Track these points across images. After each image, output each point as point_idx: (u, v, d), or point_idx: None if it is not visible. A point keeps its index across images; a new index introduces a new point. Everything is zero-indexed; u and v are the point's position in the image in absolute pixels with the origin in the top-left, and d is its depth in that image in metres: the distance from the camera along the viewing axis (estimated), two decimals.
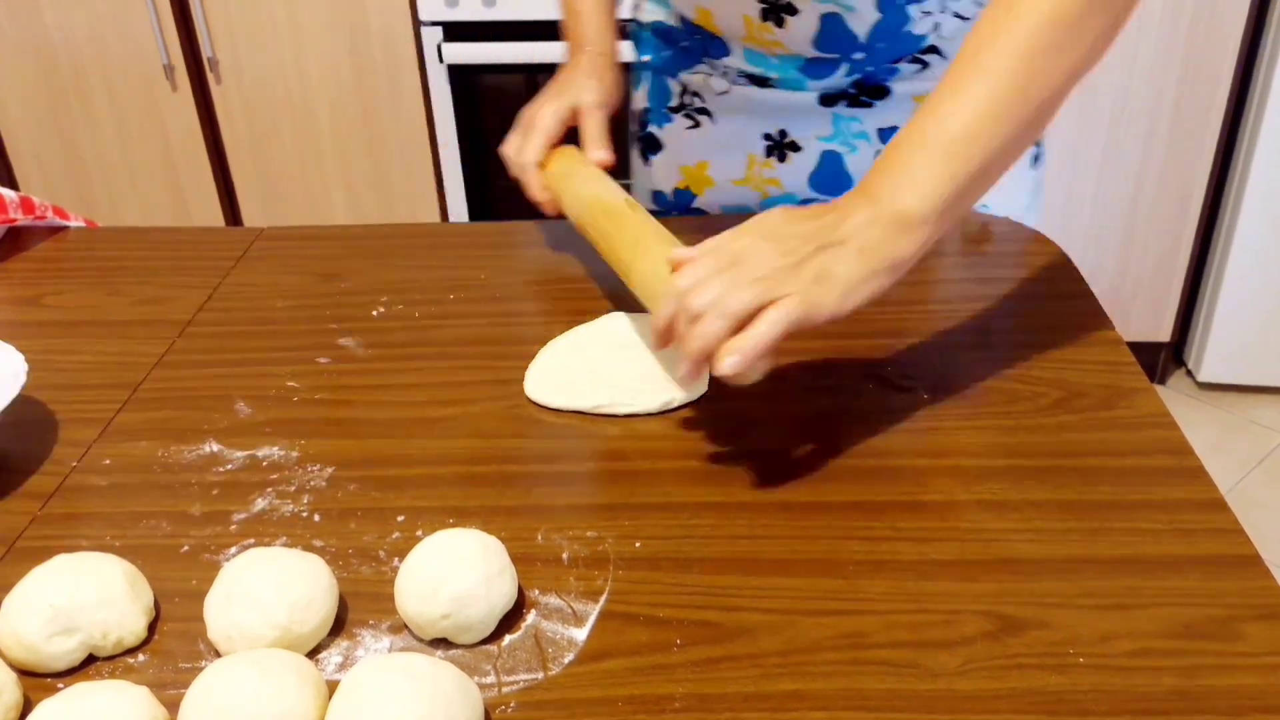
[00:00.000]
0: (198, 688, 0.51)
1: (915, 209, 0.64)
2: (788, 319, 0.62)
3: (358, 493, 0.68)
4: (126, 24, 2.16)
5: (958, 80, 0.66)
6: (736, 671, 0.54)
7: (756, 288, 0.62)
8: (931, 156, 0.65)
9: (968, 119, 0.65)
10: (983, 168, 0.65)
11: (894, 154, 0.66)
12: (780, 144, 0.99)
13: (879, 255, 0.64)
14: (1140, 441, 0.70)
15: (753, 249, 0.64)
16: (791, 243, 0.64)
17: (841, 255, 0.63)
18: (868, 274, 0.64)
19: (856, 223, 0.64)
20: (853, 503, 0.65)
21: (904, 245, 0.64)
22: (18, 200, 1.01)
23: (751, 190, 1.03)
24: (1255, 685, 0.53)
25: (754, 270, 0.63)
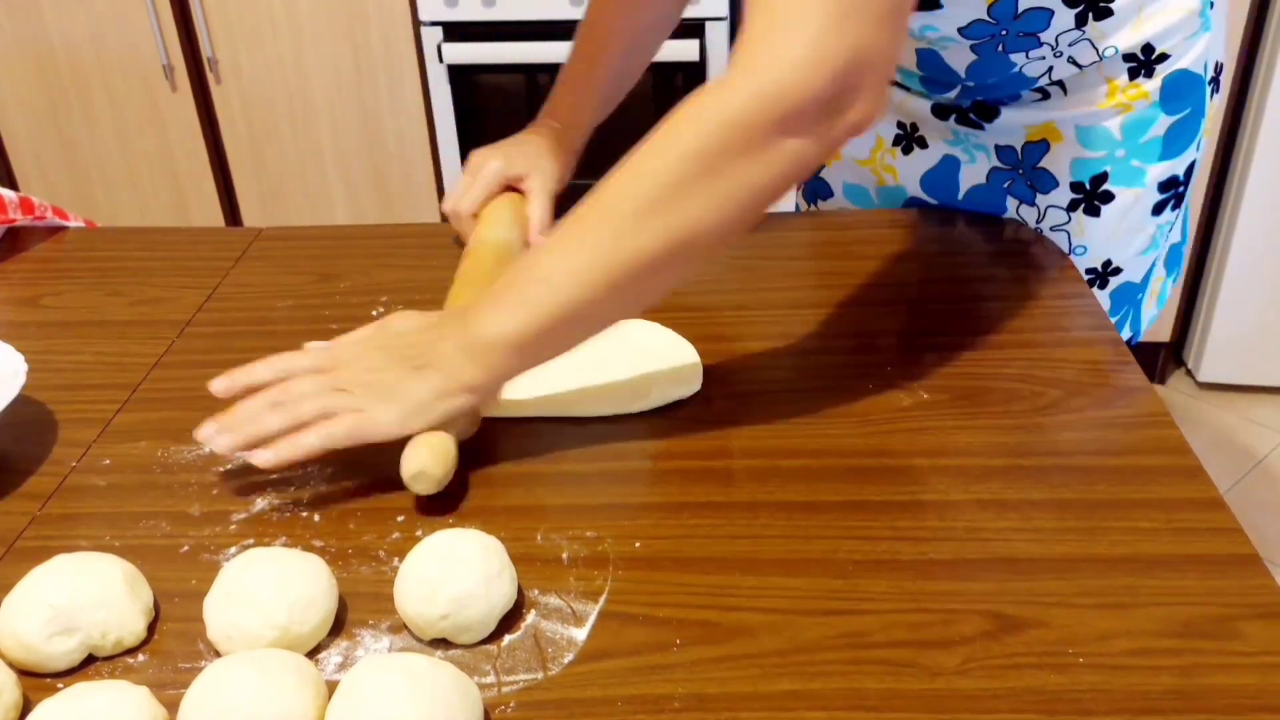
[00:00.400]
0: (197, 688, 0.51)
1: (486, 339, 0.66)
2: (334, 437, 0.66)
3: (357, 493, 0.68)
4: (126, 24, 2.16)
5: (565, 231, 0.67)
6: (736, 671, 0.54)
7: (326, 400, 0.67)
8: (516, 296, 0.67)
9: (555, 271, 0.66)
10: (558, 320, 0.65)
11: (500, 281, 0.68)
12: (909, 136, 1.00)
13: (451, 379, 0.67)
14: (1139, 441, 0.70)
15: (349, 359, 0.69)
16: (380, 357, 0.68)
17: (418, 376, 0.67)
18: (438, 394, 0.67)
19: (446, 345, 0.67)
20: (852, 502, 0.65)
21: (474, 372, 0.67)
22: (17, 200, 1.01)
23: (871, 174, 1.04)
24: (1254, 684, 0.53)
25: (336, 379, 0.68)
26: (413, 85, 2.20)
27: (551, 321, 0.66)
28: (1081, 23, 0.85)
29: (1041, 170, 0.94)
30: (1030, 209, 0.97)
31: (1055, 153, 0.93)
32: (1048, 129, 0.93)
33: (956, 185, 1.00)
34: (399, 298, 0.89)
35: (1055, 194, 0.95)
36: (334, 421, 0.66)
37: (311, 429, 0.66)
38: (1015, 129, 0.94)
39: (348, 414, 0.66)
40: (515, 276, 0.68)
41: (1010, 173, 0.96)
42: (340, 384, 0.68)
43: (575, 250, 0.65)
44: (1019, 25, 0.84)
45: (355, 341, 0.71)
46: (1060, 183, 0.94)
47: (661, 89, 2.25)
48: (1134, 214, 0.95)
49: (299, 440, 0.66)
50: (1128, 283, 1.00)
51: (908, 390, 0.75)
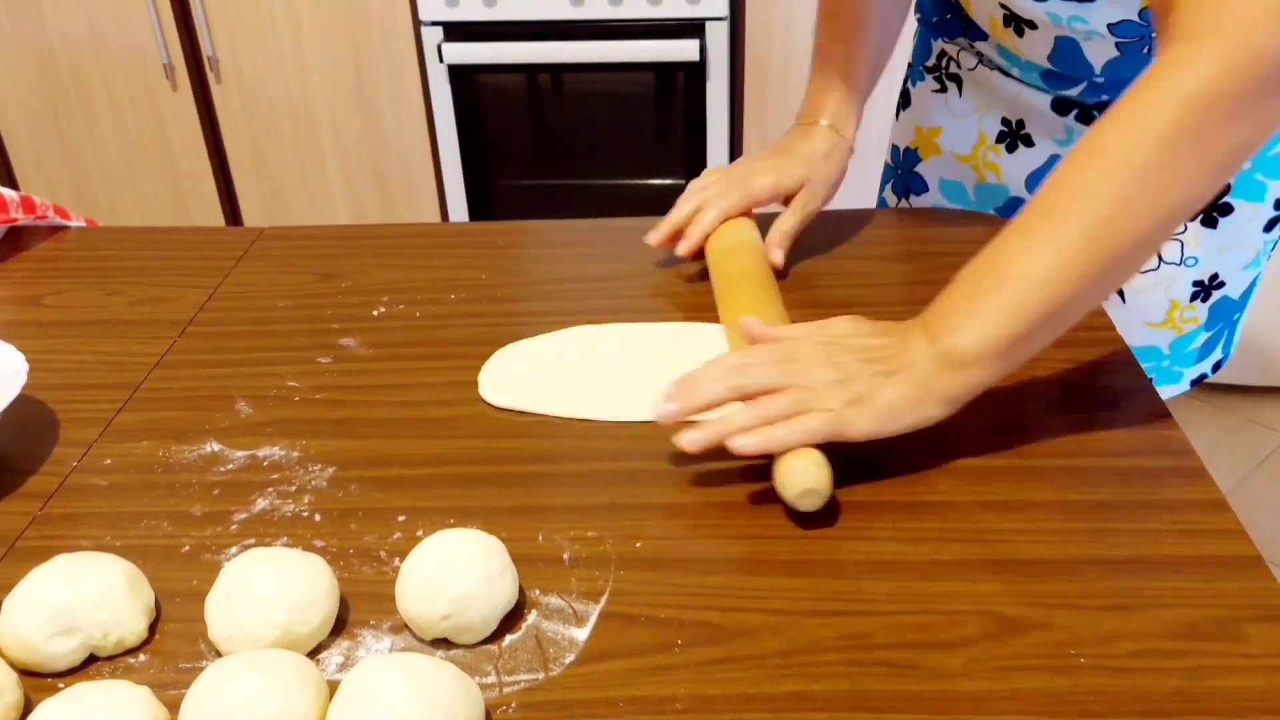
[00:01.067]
0: (198, 688, 0.50)
1: (965, 351, 0.64)
2: (811, 435, 0.63)
3: (359, 493, 0.68)
4: (126, 24, 2.16)
5: (1034, 217, 0.64)
6: (738, 672, 0.54)
7: (796, 397, 0.64)
8: (991, 299, 0.64)
9: (1036, 265, 0.63)
10: (1040, 321, 0.63)
11: (958, 287, 0.66)
12: (1015, 134, 0.98)
13: (926, 389, 0.65)
14: (1142, 442, 0.70)
15: (810, 355, 0.66)
16: (846, 359, 0.66)
17: (888, 383, 0.64)
18: (910, 404, 0.64)
19: (912, 354, 0.65)
20: (854, 503, 0.65)
21: (953, 382, 0.65)
22: (18, 200, 1.01)
23: (971, 171, 1.02)
24: (1258, 686, 0.53)
25: (800, 375, 0.65)
26: (413, 85, 2.21)
27: (1033, 324, 0.63)
28: None
29: None
30: None
31: None
32: None
33: None
34: (399, 298, 0.89)
35: None
36: (809, 418, 0.63)
37: (784, 424, 0.64)
38: None
39: (820, 413, 0.64)
40: (980, 282, 0.65)
41: None
42: (802, 381, 0.65)
43: (1051, 246, 0.63)
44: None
45: (808, 338, 0.68)
46: None
47: (662, 89, 2.25)
48: (1249, 229, 0.93)
49: (770, 432, 0.63)
50: (1227, 298, 0.98)
51: None
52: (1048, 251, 0.63)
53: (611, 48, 2.12)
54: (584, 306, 0.87)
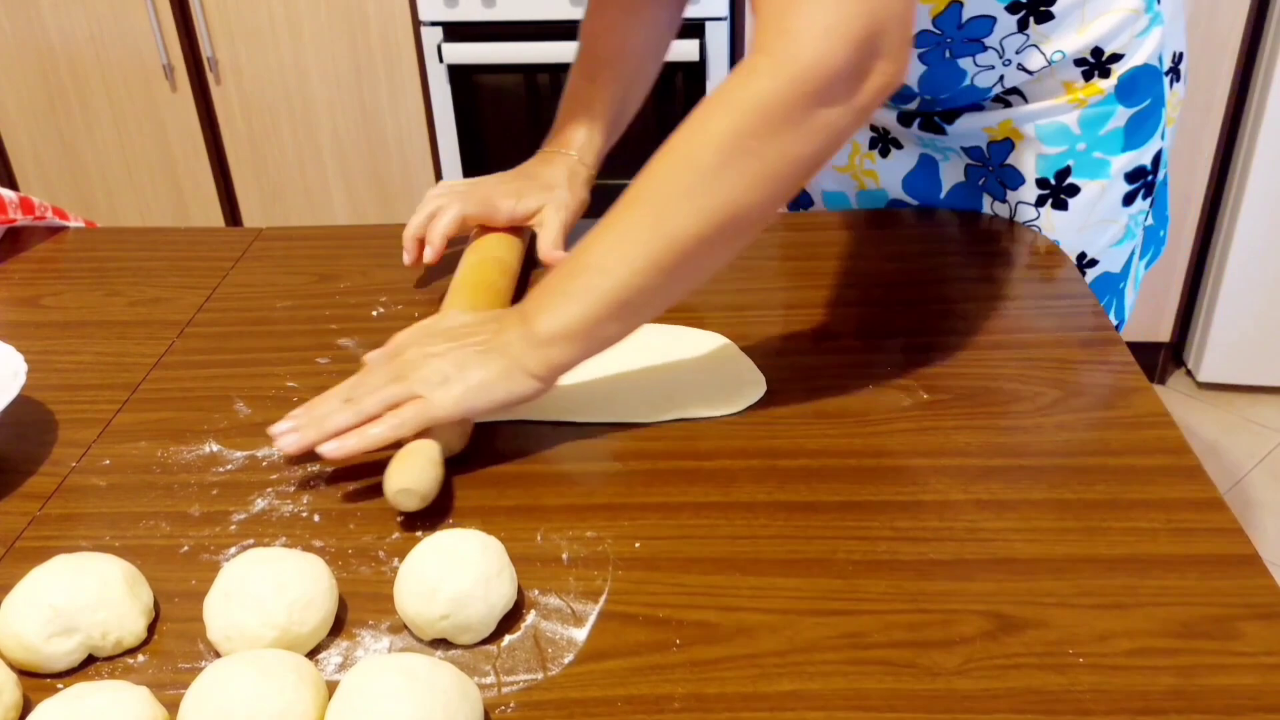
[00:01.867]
0: (197, 688, 0.51)
1: (549, 330, 0.68)
2: (403, 426, 0.67)
3: (358, 493, 0.68)
4: (126, 24, 2.16)
5: (616, 210, 0.68)
6: (735, 671, 0.54)
7: (391, 389, 0.68)
8: (571, 284, 0.68)
9: (605, 259, 0.67)
10: (616, 306, 0.67)
11: (551, 275, 0.70)
12: (884, 139, 1.01)
13: (514, 365, 0.68)
14: (1139, 441, 0.70)
15: (409, 347, 0.71)
16: (440, 345, 0.70)
17: (478, 362, 0.69)
18: (499, 379, 0.68)
19: (505, 335, 0.69)
20: (851, 502, 0.65)
21: (539, 359, 0.68)
22: (17, 200, 1.01)
23: (851, 179, 1.05)
24: (1253, 685, 0.53)
25: (404, 369, 0.69)
26: (413, 85, 2.21)
27: (607, 309, 0.67)
28: (1024, 26, 0.86)
29: (1008, 167, 0.96)
30: (1003, 205, 0.98)
31: (1019, 150, 0.94)
32: (1006, 128, 0.94)
33: (939, 184, 1.00)
34: (399, 298, 0.89)
35: (1023, 190, 0.96)
36: (403, 409, 0.67)
37: (379, 421, 0.67)
38: (975, 133, 0.95)
39: (412, 402, 0.67)
40: (568, 267, 0.69)
41: (982, 169, 0.97)
42: (401, 371, 0.69)
43: (623, 238, 0.67)
44: (963, 34, 0.86)
45: (412, 332, 0.73)
46: (1026, 179, 0.95)
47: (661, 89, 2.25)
48: (1102, 206, 0.96)
49: (367, 432, 0.67)
50: (1106, 273, 1.00)
51: (907, 390, 0.75)
52: (620, 243, 0.67)
53: None
54: None
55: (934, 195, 1.01)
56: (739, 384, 0.76)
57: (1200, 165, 2.05)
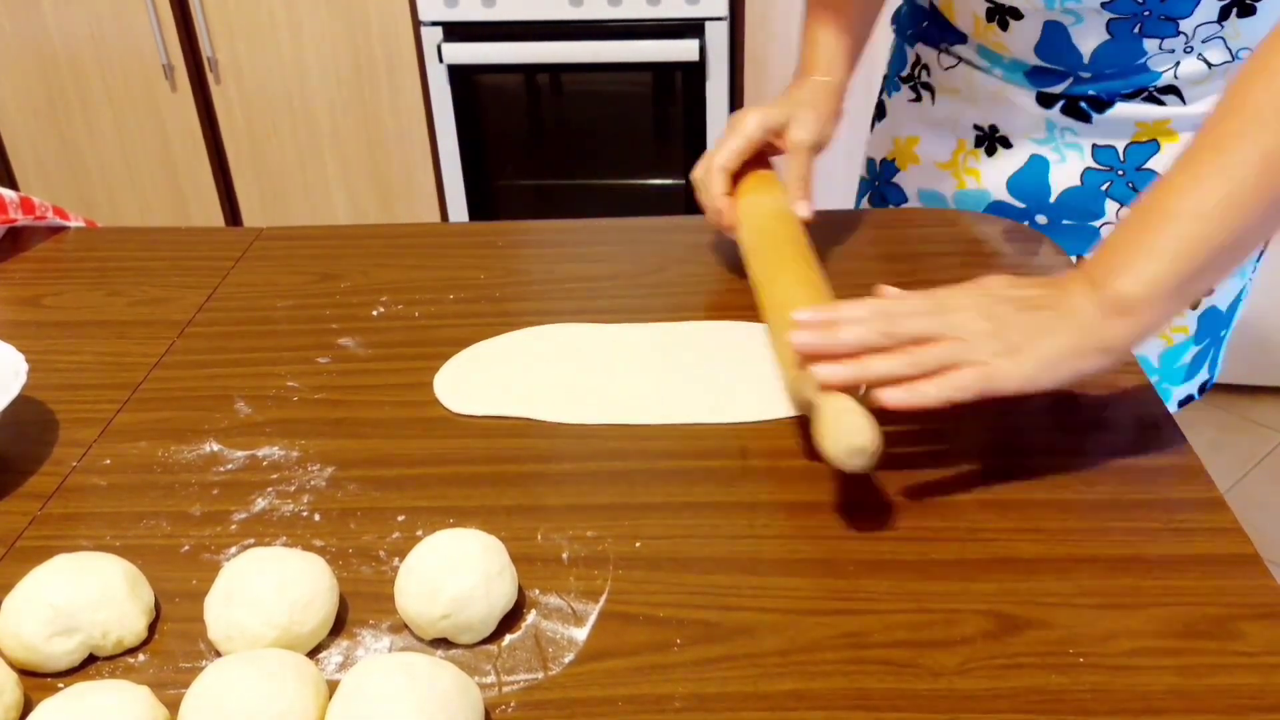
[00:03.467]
0: (198, 688, 0.51)
1: (1132, 294, 0.61)
2: (962, 390, 0.61)
3: (358, 493, 0.68)
4: (126, 24, 2.16)
5: (1198, 155, 0.62)
6: (736, 671, 0.54)
7: (948, 347, 0.62)
8: (1155, 241, 0.61)
9: (1201, 204, 0.61)
10: (1213, 255, 0.61)
11: (1121, 232, 0.64)
12: (991, 137, 0.97)
13: (1088, 336, 0.62)
14: (1140, 441, 0.70)
15: (963, 306, 0.64)
16: (1001, 309, 0.63)
17: (1046, 332, 0.62)
18: (1071, 352, 0.62)
19: (1072, 301, 0.63)
20: (853, 502, 0.65)
21: (1117, 329, 0.62)
22: (18, 200, 1.01)
23: (951, 177, 1.01)
24: (1254, 684, 0.53)
25: (954, 324, 0.62)
26: (413, 85, 2.21)
27: (1205, 259, 0.61)
28: (1224, 16, 0.82)
29: (1147, 171, 0.91)
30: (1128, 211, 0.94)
31: (1166, 153, 0.89)
32: (1160, 128, 0.89)
33: (1047, 187, 0.96)
34: (399, 298, 0.89)
35: None
36: (960, 373, 0.61)
37: (933, 379, 0.61)
38: (1125, 125, 0.90)
39: (972, 366, 0.61)
40: (1146, 219, 0.62)
41: (1108, 174, 0.93)
42: (956, 331, 0.62)
43: (1223, 175, 0.60)
44: (1163, 8, 0.81)
45: (962, 291, 0.66)
46: None
47: (661, 89, 2.25)
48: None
49: (920, 389, 0.61)
50: (1215, 309, 0.95)
51: None
52: (1219, 181, 0.60)
53: (611, 48, 2.12)
54: (583, 306, 0.87)
55: (1042, 199, 0.96)
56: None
57: None
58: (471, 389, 0.77)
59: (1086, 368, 0.63)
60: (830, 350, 0.63)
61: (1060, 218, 0.97)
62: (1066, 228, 0.97)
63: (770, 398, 0.74)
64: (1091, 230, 0.96)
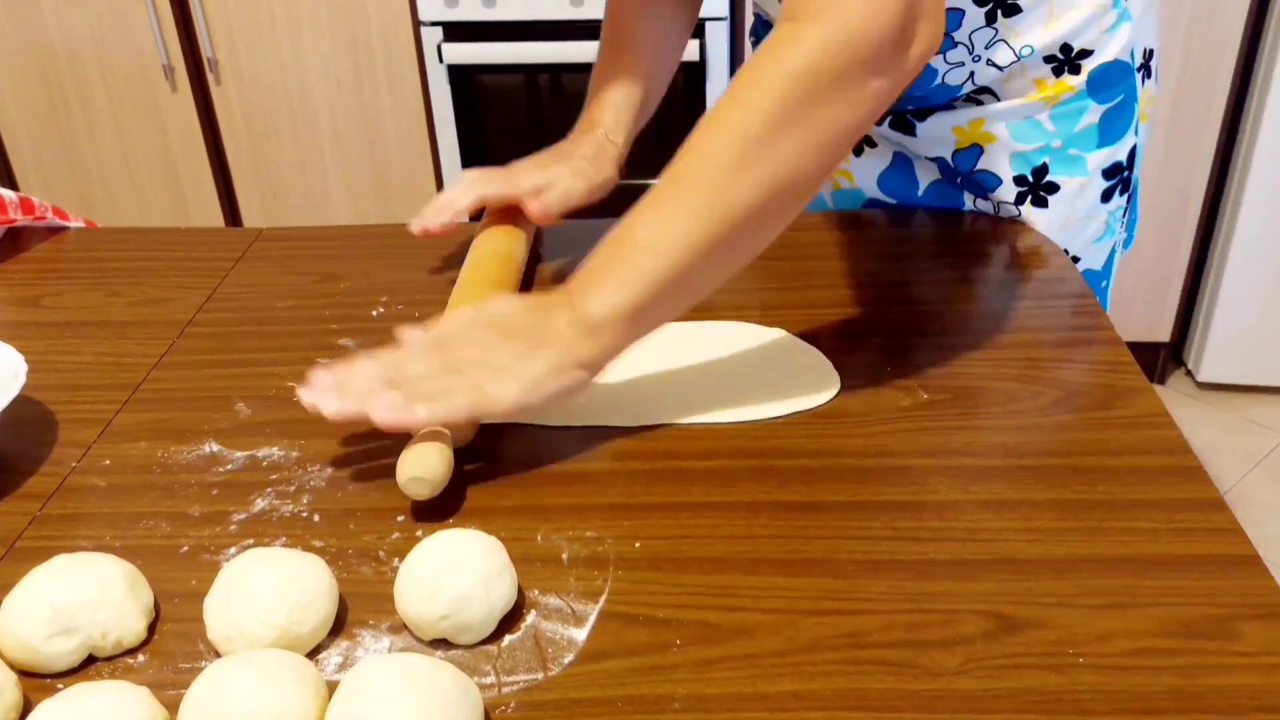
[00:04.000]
0: (197, 688, 0.51)
1: (599, 316, 0.66)
2: (454, 411, 0.66)
3: (357, 493, 0.68)
4: (126, 24, 2.16)
5: (664, 186, 0.66)
6: (736, 671, 0.54)
7: (442, 380, 0.66)
8: (620, 269, 0.66)
9: (659, 239, 0.65)
10: (666, 289, 0.66)
11: (596, 256, 0.68)
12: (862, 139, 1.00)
13: (566, 354, 0.66)
14: (1139, 441, 0.70)
15: (455, 335, 0.69)
16: (490, 335, 0.68)
17: (530, 355, 0.67)
18: (552, 371, 0.66)
19: (557, 323, 0.67)
20: (852, 502, 0.65)
21: (589, 347, 0.67)
22: (17, 200, 1.01)
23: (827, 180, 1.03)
24: (1253, 685, 0.53)
25: (449, 359, 0.67)
26: (413, 85, 2.21)
27: (661, 288, 0.65)
28: (992, 19, 0.86)
29: (981, 173, 0.96)
30: (985, 202, 0.98)
31: (989, 154, 0.94)
32: (976, 130, 0.94)
33: (915, 182, 1.00)
34: (399, 298, 0.89)
35: (1001, 190, 0.96)
36: (452, 396, 0.66)
37: (426, 402, 0.65)
38: (944, 135, 0.95)
39: (465, 391, 0.66)
40: (614, 249, 0.67)
41: (955, 173, 0.98)
42: (453, 363, 0.67)
43: (673, 213, 0.65)
44: None
45: (459, 322, 0.70)
46: (1004, 179, 0.95)
47: None
48: (1082, 202, 0.96)
49: (415, 411, 0.65)
50: (1088, 270, 1.01)
51: (908, 390, 0.75)
52: (672, 219, 0.65)
53: None
54: None
55: (911, 193, 1.01)
56: (810, 379, 0.76)
57: (1200, 165, 2.05)
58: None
59: (568, 383, 0.67)
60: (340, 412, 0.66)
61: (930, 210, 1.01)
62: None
63: (770, 398, 0.75)
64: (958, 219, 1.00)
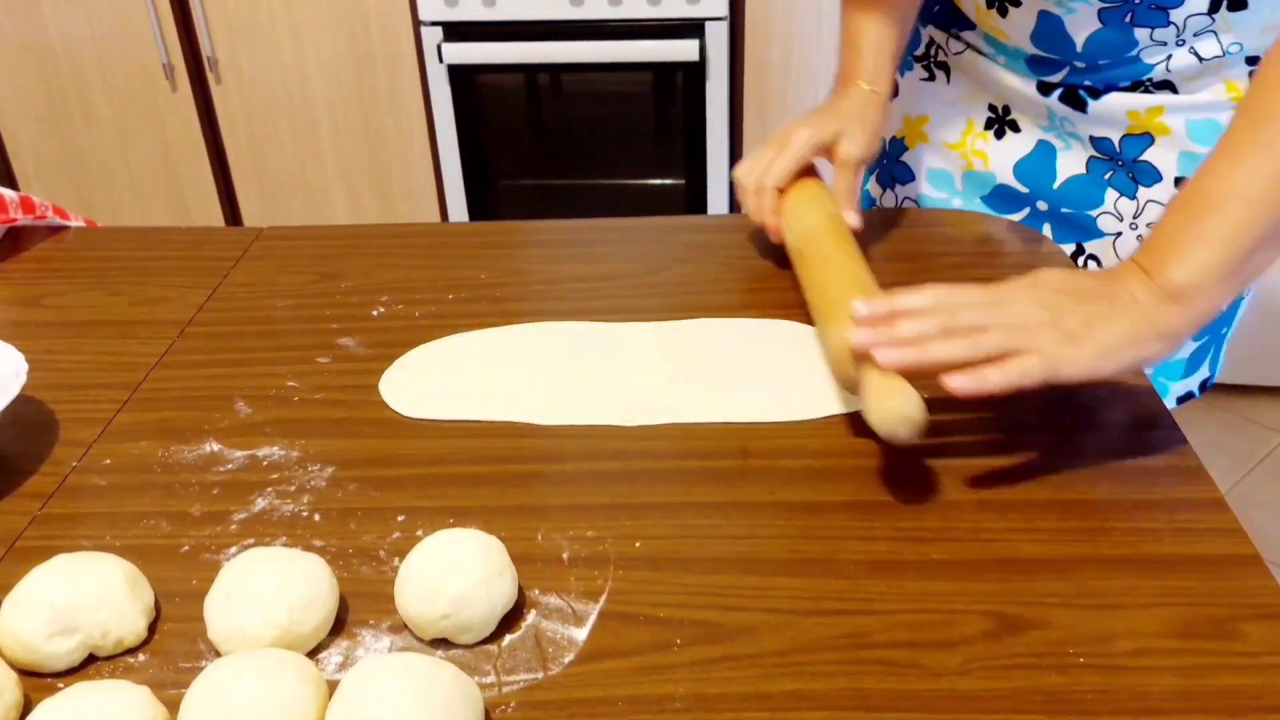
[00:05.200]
0: (198, 688, 0.51)
1: (1186, 281, 0.63)
2: (1029, 375, 0.62)
3: (358, 493, 0.68)
4: (126, 24, 2.16)
5: (1237, 137, 0.64)
6: (736, 671, 0.54)
7: (1009, 334, 0.63)
8: (1203, 227, 0.63)
9: (1247, 187, 0.62)
10: (1263, 237, 0.62)
11: (1169, 219, 0.66)
12: (1002, 120, 0.98)
13: (1145, 323, 0.64)
14: (1140, 441, 0.70)
15: (1017, 295, 0.65)
16: (1059, 299, 0.65)
17: (1105, 320, 0.64)
18: (1129, 340, 0.63)
19: (1128, 290, 0.65)
20: (853, 502, 0.65)
21: (1173, 316, 0.63)
22: (18, 200, 1.01)
23: (960, 159, 1.02)
24: (1255, 685, 0.53)
25: (1013, 315, 0.64)
26: (413, 85, 2.21)
27: (1256, 240, 0.62)
28: (1214, 9, 0.82)
29: (1144, 163, 0.91)
30: (1129, 202, 0.93)
31: (1159, 146, 0.90)
32: (1153, 120, 0.89)
33: (1053, 173, 0.96)
34: (399, 297, 0.89)
35: (1157, 189, 0.91)
36: (1023, 359, 0.62)
37: (997, 365, 0.62)
38: (1118, 115, 0.90)
39: (1033, 354, 0.62)
40: (1188, 209, 0.64)
41: (1109, 164, 0.93)
42: (1015, 320, 0.63)
43: (1265, 154, 0.62)
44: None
45: (1017, 286, 0.67)
46: (1164, 177, 0.90)
47: (661, 89, 2.25)
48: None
49: (985, 374, 0.62)
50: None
51: None
52: (1261, 161, 0.62)
53: (611, 48, 2.12)
54: (583, 306, 0.87)
55: (1047, 184, 0.97)
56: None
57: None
58: (428, 391, 0.77)
59: (1146, 354, 0.64)
60: (889, 343, 0.63)
61: (1060, 205, 0.97)
62: (1064, 216, 0.98)
63: (771, 398, 0.75)
64: (1088, 220, 0.96)
